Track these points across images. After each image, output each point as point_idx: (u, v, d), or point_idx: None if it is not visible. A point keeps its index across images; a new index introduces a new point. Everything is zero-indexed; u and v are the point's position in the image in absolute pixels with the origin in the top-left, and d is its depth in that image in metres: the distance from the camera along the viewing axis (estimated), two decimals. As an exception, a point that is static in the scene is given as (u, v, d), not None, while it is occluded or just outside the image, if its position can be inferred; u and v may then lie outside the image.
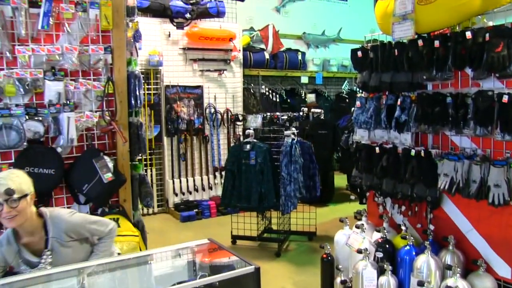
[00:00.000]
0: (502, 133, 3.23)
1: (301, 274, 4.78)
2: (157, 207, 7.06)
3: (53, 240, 2.58)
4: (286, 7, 9.75)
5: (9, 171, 2.58)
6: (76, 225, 2.68)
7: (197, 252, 2.91)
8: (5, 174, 2.50)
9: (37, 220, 2.57)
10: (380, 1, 4.05)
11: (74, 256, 2.65)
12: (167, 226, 6.50)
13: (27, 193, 2.47)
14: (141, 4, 6.37)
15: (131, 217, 3.84)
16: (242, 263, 2.44)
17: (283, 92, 9.06)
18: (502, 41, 3.18)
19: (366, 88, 4.27)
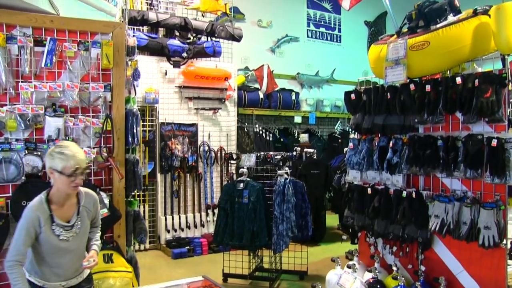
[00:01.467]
0: (492, 176, 3.33)
1: (292, 314, 4.75)
2: (149, 244, 7.00)
3: (83, 208, 2.87)
4: (281, 47, 9.95)
5: (72, 144, 2.84)
6: (97, 203, 3.02)
7: None
8: (75, 148, 2.78)
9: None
10: (374, 45, 4.20)
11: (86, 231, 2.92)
12: (159, 263, 6.45)
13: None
14: (139, 43, 6.50)
15: (124, 253, 3.84)
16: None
17: (276, 132, 9.14)
18: (491, 87, 3.31)
19: (359, 130, 4.37)
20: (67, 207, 2.83)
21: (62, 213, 2.80)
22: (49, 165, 2.73)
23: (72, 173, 2.68)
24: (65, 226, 2.78)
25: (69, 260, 2.83)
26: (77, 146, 2.88)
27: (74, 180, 2.71)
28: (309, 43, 10.45)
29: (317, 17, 10.66)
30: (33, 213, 2.70)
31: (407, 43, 3.72)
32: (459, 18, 3.59)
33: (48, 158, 2.75)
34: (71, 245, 2.80)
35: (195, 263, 6.42)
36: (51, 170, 2.72)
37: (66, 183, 2.70)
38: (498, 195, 3.40)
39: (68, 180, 2.69)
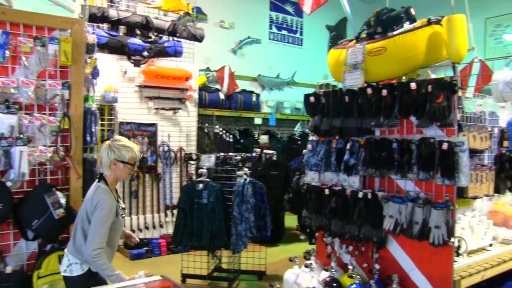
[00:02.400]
0: (442, 178, 3.47)
1: (250, 314, 4.79)
2: (106, 245, 6.91)
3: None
4: (243, 49, 10.00)
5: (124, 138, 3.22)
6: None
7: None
8: (133, 143, 3.18)
9: None
10: (333, 50, 4.29)
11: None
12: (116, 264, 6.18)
13: None
14: (99, 40, 6.38)
15: (81, 254, 3.78)
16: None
17: (236, 133, 9.19)
18: (443, 93, 3.44)
19: (318, 132, 4.45)
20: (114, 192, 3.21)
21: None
22: (114, 157, 3.08)
23: (135, 162, 3.16)
24: (122, 208, 3.24)
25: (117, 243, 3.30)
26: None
27: (134, 169, 3.19)
28: (271, 45, 10.55)
29: (280, 20, 10.78)
30: (111, 201, 3.07)
31: (365, 49, 3.81)
32: (414, 26, 3.71)
33: (112, 151, 3.09)
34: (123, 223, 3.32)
35: (154, 264, 6.38)
36: (115, 162, 3.09)
37: (129, 172, 3.16)
38: (448, 196, 3.54)
39: (131, 169, 3.15)
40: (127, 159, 3.09)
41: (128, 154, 3.09)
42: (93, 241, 2.95)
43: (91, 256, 2.94)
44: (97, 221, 2.99)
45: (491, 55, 10.02)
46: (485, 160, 4.82)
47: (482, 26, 10.64)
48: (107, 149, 3.11)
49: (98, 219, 2.99)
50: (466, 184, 3.46)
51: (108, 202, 3.03)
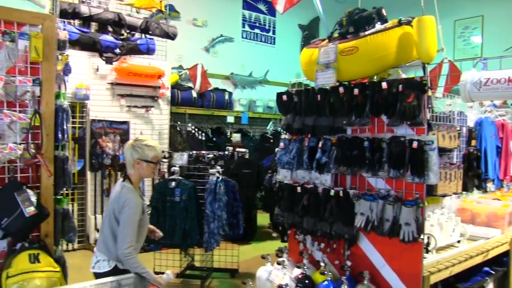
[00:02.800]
0: (412, 176, 3.54)
1: (223, 311, 4.80)
2: (78, 243, 6.81)
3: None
4: (215, 47, 9.98)
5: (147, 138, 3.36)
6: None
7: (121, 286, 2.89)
8: (156, 142, 3.29)
9: None
10: (306, 49, 4.32)
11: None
12: (87, 263, 6.19)
13: None
14: (70, 37, 6.26)
15: (52, 253, 3.73)
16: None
17: (209, 131, 9.17)
18: (413, 93, 3.51)
19: (290, 130, 4.48)
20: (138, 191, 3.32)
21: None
22: (137, 156, 3.20)
23: (158, 161, 3.26)
24: (146, 205, 3.36)
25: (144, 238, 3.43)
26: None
27: (157, 167, 3.30)
28: (243, 43, 10.55)
29: (252, 18, 10.79)
30: (137, 199, 3.16)
31: (338, 48, 3.86)
32: (385, 26, 3.77)
33: (135, 151, 3.21)
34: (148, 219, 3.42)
35: (125, 263, 6.32)
36: (138, 161, 3.20)
37: (152, 170, 3.25)
38: (417, 194, 3.61)
39: (155, 167, 3.24)
40: (150, 158, 3.20)
41: (151, 153, 3.20)
42: (124, 241, 3.07)
43: (123, 255, 3.05)
44: (125, 220, 3.10)
45: (459, 56, 10.25)
46: (453, 159, 4.93)
47: (451, 27, 10.88)
48: (131, 148, 3.24)
49: (126, 218, 3.10)
50: (435, 182, 3.54)
51: (134, 201, 3.14)
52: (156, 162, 3.25)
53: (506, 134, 5.80)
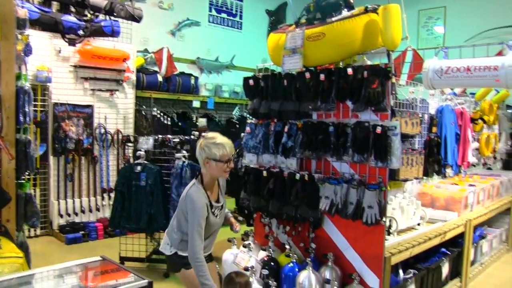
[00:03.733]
0: (376, 160, 3.63)
1: (189, 295, 4.81)
2: (40, 229, 6.68)
3: (222, 189, 3.36)
4: (182, 31, 9.84)
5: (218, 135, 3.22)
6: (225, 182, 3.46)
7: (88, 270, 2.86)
8: (224, 138, 3.19)
9: None
10: (273, 34, 4.34)
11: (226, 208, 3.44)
12: (51, 249, 6.20)
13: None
14: (30, 16, 6.09)
15: (14, 238, 3.66)
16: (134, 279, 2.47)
17: (174, 116, 9.09)
18: (377, 79, 3.58)
19: (256, 115, 4.50)
20: (215, 191, 3.27)
21: (213, 196, 3.21)
22: (205, 155, 3.12)
23: (228, 160, 3.11)
24: (218, 207, 3.24)
25: (215, 234, 3.35)
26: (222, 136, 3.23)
27: (229, 165, 3.14)
28: (210, 28, 10.45)
29: (219, 3, 10.68)
30: (200, 201, 3.06)
31: (305, 34, 3.89)
32: (352, 13, 3.82)
33: (203, 150, 3.13)
34: (220, 221, 3.31)
35: (91, 248, 6.27)
36: (207, 160, 3.12)
37: (222, 169, 3.12)
38: (380, 178, 3.70)
39: (224, 166, 3.11)
40: (218, 156, 3.10)
41: (219, 152, 3.10)
42: (193, 247, 3.02)
43: (192, 260, 3.04)
44: (191, 224, 3.06)
45: (423, 46, 10.44)
46: (415, 145, 5.07)
47: (416, 17, 11.08)
48: (199, 148, 3.17)
49: (191, 222, 3.06)
50: (397, 166, 3.64)
51: (197, 203, 3.06)
52: (225, 161, 3.12)
53: (464, 122, 6.00)
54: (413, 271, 4.32)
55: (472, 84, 3.97)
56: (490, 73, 3.40)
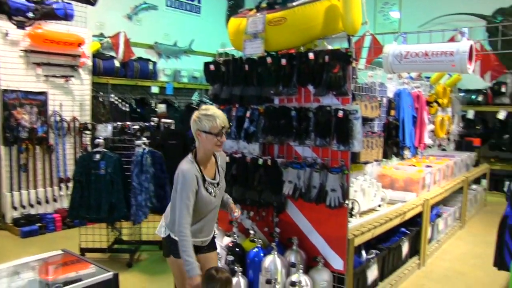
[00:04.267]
0: (338, 144, 3.67)
1: (154, 283, 4.79)
2: (-8, 223, 6.46)
3: (220, 167, 3.20)
4: (139, 15, 9.61)
5: (212, 107, 3.10)
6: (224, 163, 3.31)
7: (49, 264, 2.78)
8: (217, 110, 3.04)
9: None
10: (233, 18, 4.29)
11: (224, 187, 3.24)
12: (5, 243, 5.99)
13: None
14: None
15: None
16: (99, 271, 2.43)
17: (133, 102, 8.93)
18: (339, 64, 3.61)
19: (217, 100, 4.47)
20: (209, 166, 3.12)
21: (207, 172, 3.08)
22: (196, 127, 3.00)
23: (219, 132, 2.97)
24: (213, 183, 3.09)
25: (212, 216, 3.16)
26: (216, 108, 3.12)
27: (221, 139, 3.00)
28: (168, 12, 10.26)
29: (177, -14, 10.51)
30: (189, 173, 2.93)
31: (266, 18, 3.87)
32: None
33: (195, 122, 3.00)
34: (216, 201, 3.13)
35: (49, 241, 6.12)
36: (198, 132, 3.00)
37: (214, 142, 2.98)
38: (343, 161, 3.76)
39: (216, 139, 2.98)
40: (208, 128, 2.96)
41: (208, 124, 2.96)
42: (179, 219, 2.88)
43: (177, 233, 2.91)
44: (180, 196, 2.91)
45: (379, 30, 10.61)
46: (375, 128, 5.17)
47: (372, 2, 11.26)
48: (192, 120, 3.05)
49: (180, 194, 2.91)
50: (359, 149, 3.70)
51: (186, 174, 2.92)
52: (216, 133, 2.96)
53: (421, 105, 6.16)
54: (375, 252, 4.43)
55: (430, 68, 4.07)
56: (446, 58, 3.49)
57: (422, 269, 5.18)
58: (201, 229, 3.09)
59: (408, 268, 4.92)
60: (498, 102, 9.35)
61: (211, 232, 3.23)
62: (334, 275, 3.81)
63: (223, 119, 3.02)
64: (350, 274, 3.80)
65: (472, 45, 3.53)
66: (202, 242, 3.13)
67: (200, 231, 3.08)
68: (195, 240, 3.02)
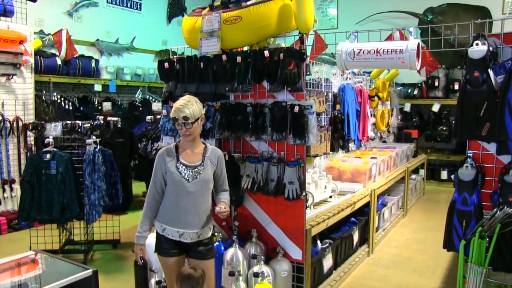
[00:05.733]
0: (294, 138, 3.82)
1: (110, 282, 4.76)
2: None
3: (207, 158, 3.18)
4: (79, 11, 9.38)
5: (187, 99, 3.12)
6: (223, 162, 3.30)
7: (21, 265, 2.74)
8: (184, 102, 3.07)
9: (200, 142, 3.25)
10: (188, 17, 4.35)
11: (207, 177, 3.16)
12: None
13: (198, 117, 3.09)
14: None
15: None
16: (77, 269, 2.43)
17: (76, 100, 8.74)
18: (293, 61, 3.75)
19: (172, 98, 4.50)
20: (193, 155, 3.17)
21: (187, 157, 3.14)
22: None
23: (176, 119, 3.05)
24: (188, 166, 3.11)
25: (191, 205, 3.08)
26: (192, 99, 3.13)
27: (178, 127, 3.08)
28: (108, 9, 10.07)
29: (117, -18, 10.33)
30: (161, 152, 3.16)
31: (221, 17, 3.96)
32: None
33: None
34: (191, 187, 3.07)
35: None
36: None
37: (178, 128, 3.10)
38: (298, 155, 3.91)
39: (178, 125, 3.08)
40: (171, 116, 3.11)
41: (171, 114, 3.12)
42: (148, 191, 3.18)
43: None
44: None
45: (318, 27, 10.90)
46: (322, 122, 5.38)
47: None
48: None
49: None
50: (314, 143, 3.87)
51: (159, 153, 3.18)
52: (174, 120, 3.06)
53: (363, 99, 6.45)
54: (328, 241, 4.63)
55: (382, 65, 4.29)
56: (396, 55, 3.71)
57: (371, 256, 5.45)
58: (176, 217, 3.07)
59: (359, 256, 5.17)
60: (432, 95, 9.91)
61: (192, 226, 3.09)
62: (293, 265, 3.96)
63: (180, 109, 3.03)
64: (308, 263, 3.97)
65: (419, 43, 3.78)
66: (180, 235, 3.08)
67: (175, 219, 3.07)
68: (170, 229, 3.09)
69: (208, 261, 3.21)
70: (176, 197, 3.08)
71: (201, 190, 3.12)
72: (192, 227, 3.10)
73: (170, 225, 3.09)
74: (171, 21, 11.59)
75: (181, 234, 3.09)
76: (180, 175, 3.07)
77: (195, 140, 3.18)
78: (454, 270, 4.68)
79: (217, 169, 3.23)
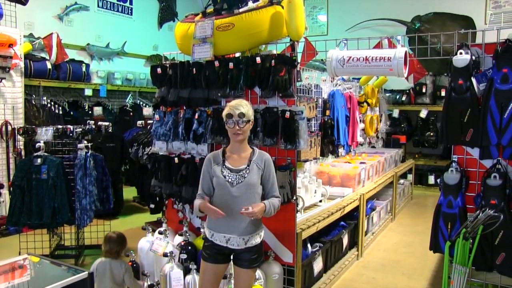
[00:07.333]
0: (285, 143, 3.88)
1: (101, 286, 4.78)
2: None
3: (253, 163, 3.15)
4: (69, 15, 9.38)
5: (241, 101, 3.18)
6: (270, 166, 3.24)
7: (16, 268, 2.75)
8: (239, 101, 3.15)
9: (247, 146, 3.24)
10: (181, 23, 4.40)
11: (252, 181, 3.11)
12: None
13: (250, 119, 3.14)
14: None
15: None
16: (73, 272, 2.46)
17: (66, 104, 8.73)
18: (285, 67, 3.82)
19: (165, 103, 4.55)
20: (239, 159, 3.17)
21: (233, 161, 3.16)
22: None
23: (226, 120, 3.09)
24: (232, 169, 3.12)
25: (234, 208, 3.03)
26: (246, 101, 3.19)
27: (232, 127, 3.07)
28: (99, 13, 10.10)
29: (108, -13, 10.37)
30: (208, 158, 3.23)
31: (214, 24, 4.02)
32: (257, 5, 4.00)
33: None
34: (235, 191, 3.07)
35: (-19, 251, 5.90)
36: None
37: (229, 129, 3.12)
38: (289, 159, 3.98)
39: (229, 126, 3.10)
40: (224, 115, 3.14)
41: (224, 111, 3.14)
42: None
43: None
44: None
45: (309, 34, 11.02)
46: (312, 128, 5.46)
47: (301, 6, 11.66)
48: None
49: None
50: (305, 148, 3.94)
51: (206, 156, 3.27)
52: (225, 120, 3.11)
53: (353, 105, 6.55)
54: (319, 245, 4.69)
55: (370, 72, 4.38)
56: (385, 63, 3.80)
57: (360, 259, 5.52)
58: (223, 222, 3.06)
59: (348, 259, 5.24)
60: (420, 101, 10.05)
61: (239, 231, 3.07)
62: (284, 268, 4.02)
63: (234, 108, 3.07)
64: (299, 266, 4.03)
65: (406, 51, 3.87)
66: (226, 240, 3.08)
67: (222, 224, 3.07)
68: (218, 234, 3.11)
69: (251, 269, 3.18)
70: (222, 202, 3.08)
71: (246, 194, 3.09)
72: (239, 232, 3.08)
73: (217, 231, 3.11)
74: (162, 26, 11.64)
75: (227, 239, 3.09)
76: (224, 179, 3.10)
77: (242, 143, 3.17)
78: (440, 272, 4.78)
79: (264, 173, 3.18)
